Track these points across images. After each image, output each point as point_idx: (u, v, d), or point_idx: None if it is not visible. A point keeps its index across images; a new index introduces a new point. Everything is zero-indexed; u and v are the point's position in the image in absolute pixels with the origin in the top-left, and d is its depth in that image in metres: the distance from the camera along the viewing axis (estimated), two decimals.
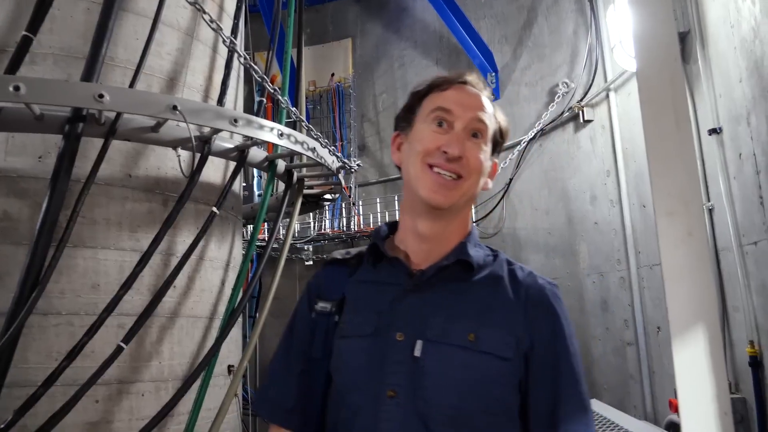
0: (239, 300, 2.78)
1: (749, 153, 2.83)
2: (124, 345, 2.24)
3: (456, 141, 1.11)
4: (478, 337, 1.06)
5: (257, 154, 2.91)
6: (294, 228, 3.66)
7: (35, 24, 2.26)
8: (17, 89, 1.97)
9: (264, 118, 2.72)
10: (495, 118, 1.19)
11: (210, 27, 2.56)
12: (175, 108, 2.23)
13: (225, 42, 2.65)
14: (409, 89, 1.26)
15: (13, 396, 2.12)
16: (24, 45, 2.24)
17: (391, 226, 1.27)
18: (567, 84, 5.04)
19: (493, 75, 5.65)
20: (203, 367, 2.54)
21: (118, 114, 2.28)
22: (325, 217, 6.12)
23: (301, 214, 4.02)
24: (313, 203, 3.80)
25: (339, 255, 1.27)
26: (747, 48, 2.81)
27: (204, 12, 2.52)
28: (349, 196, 6.00)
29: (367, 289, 1.18)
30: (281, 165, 3.09)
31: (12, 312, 2.02)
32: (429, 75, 1.27)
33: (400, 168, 1.23)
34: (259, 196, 5.16)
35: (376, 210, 5.96)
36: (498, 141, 1.21)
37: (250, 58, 2.83)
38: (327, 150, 3.02)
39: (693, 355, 1.01)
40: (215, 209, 2.58)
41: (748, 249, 2.92)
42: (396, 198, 5.85)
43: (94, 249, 2.42)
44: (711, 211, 3.29)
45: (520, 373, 1.07)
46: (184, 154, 2.53)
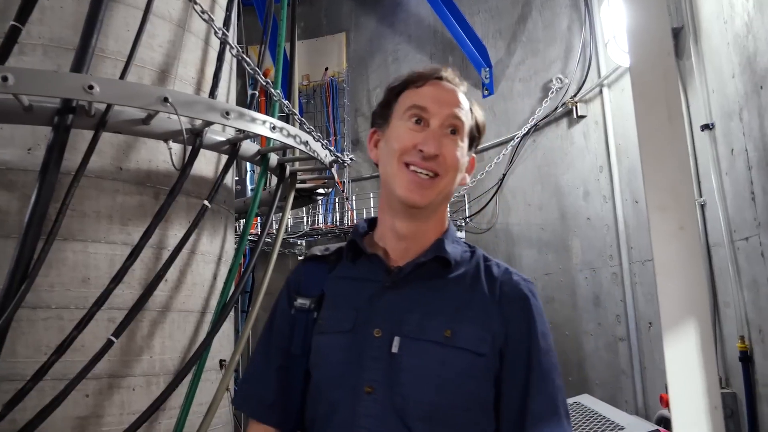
0: (231, 294, 2.77)
1: (741, 149, 2.84)
2: (114, 339, 2.23)
3: (432, 139, 1.11)
4: (454, 333, 1.07)
5: (249, 147, 2.90)
6: (286, 222, 3.65)
7: (24, 14, 2.23)
8: (5, 79, 1.95)
9: (257, 111, 2.70)
10: (471, 113, 1.19)
11: (202, 18, 2.54)
12: (166, 100, 2.22)
13: (217, 34, 2.63)
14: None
15: (2, 390, 2.11)
16: (12, 35, 2.21)
17: (371, 222, 1.27)
18: (561, 79, 5.04)
19: (487, 70, 5.65)
20: (195, 362, 2.53)
21: (108, 106, 2.26)
22: (319, 212, 6.11)
23: (294, 208, 4.01)
24: (306, 198, 3.79)
25: (318, 251, 1.28)
26: (740, 43, 2.82)
27: (195, 3, 2.50)
28: (343, 190, 5.99)
29: (346, 286, 1.19)
30: (274, 159, 3.08)
31: (0, 305, 2.00)
32: None
33: (377, 165, 1.23)
34: (252, 190, 5.14)
35: (369, 205, 5.95)
36: (475, 136, 1.21)
37: (243, 51, 2.81)
38: (320, 144, 3.01)
39: (684, 350, 1.02)
40: (207, 203, 2.57)
41: (739, 245, 2.93)
42: None
43: (84, 242, 2.40)
44: (703, 207, 3.30)
45: (495, 369, 1.08)
46: (175, 146, 2.51)
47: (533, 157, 5.29)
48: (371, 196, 5.99)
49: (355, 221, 5.89)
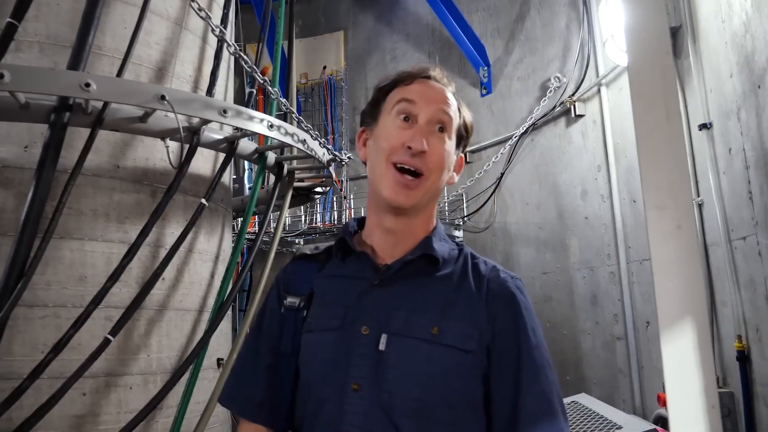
0: (228, 293, 2.76)
1: (739, 148, 2.84)
2: (111, 338, 2.22)
3: (419, 135, 1.11)
4: (441, 330, 1.07)
5: (247, 145, 2.89)
6: (284, 221, 3.65)
7: (20, 11, 2.22)
8: (1, 77, 1.94)
9: (255, 110, 2.69)
10: (459, 112, 1.20)
11: (199, 16, 2.53)
12: (163, 98, 2.21)
13: (214, 31, 2.62)
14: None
15: None
16: (8, 32, 2.20)
17: (360, 221, 1.27)
18: (559, 78, 5.04)
19: (486, 69, 5.64)
20: (192, 360, 2.53)
21: (105, 103, 2.25)
22: (317, 211, 6.11)
23: (292, 207, 4.01)
24: (304, 196, 3.78)
25: (308, 250, 1.29)
26: (738, 43, 2.82)
27: (193, 0, 2.49)
28: (341, 189, 5.98)
29: (335, 284, 1.19)
30: (271, 157, 3.07)
31: None
32: None
33: (365, 164, 1.23)
34: (250, 188, 5.14)
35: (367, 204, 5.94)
36: (463, 135, 1.22)
37: (240, 49, 2.80)
38: (318, 142, 3.01)
39: (681, 350, 1.02)
40: (204, 201, 2.56)
41: (736, 244, 2.93)
42: None
43: (81, 240, 2.40)
44: (700, 206, 3.31)
45: (483, 366, 1.08)
46: (172, 145, 2.50)
47: (531, 156, 5.29)
48: None
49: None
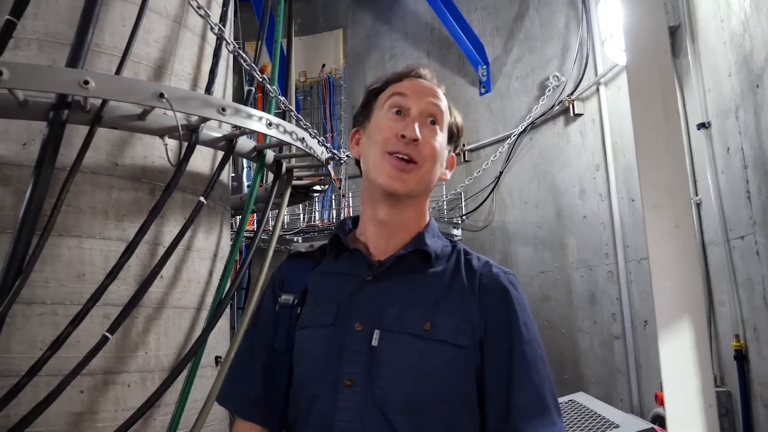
0: (227, 291, 2.76)
1: (737, 147, 2.85)
2: (109, 335, 2.22)
3: (412, 124, 1.13)
4: (433, 326, 1.08)
5: (246, 143, 2.89)
6: (283, 219, 3.65)
7: (19, 8, 2.22)
8: (0, 74, 1.93)
9: (253, 108, 2.69)
10: (450, 111, 1.23)
11: (198, 14, 2.53)
12: (162, 96, 2.20)
13: (213, 29, 2.62)
14: None
15: None
16: (7, 30, 2.19)
17: (356, 220, 1.28)
18: (558, 77, 5.04)
19: (485, 67, 5.64)
20: (190, 358, 2.53)
21: (103, 101, 2.25)
22: (315, 209, 6.11)
23: (290, 205, 4.01)
24: (303, 194, 3.78)
25: (303, 248, 1.30)
26: (736, 42, 2.82)
27: None
28: (339, 187, 5.98)
29: (329, 281, 1.20)
30: (270, 155, 3.07)
31: None
32: None
33: (358, 162, 1.25)
34: (249, 186, 5.13)
35: None
36: (454, 133, 1.24)
37: (239, 47, 2.80)
38: (316, 140, 3.01)
39: (679, 349, 1.02)
40: (203, 199, 2.56)
41: (734, 243, 2.94)
42: None
43: (79, 238, 2.39)
44: (699, 206, 3.31)
45: (476, 361, 1.08)
46: (171, 143, 2.50)
47: (530, 155, 5.30)
48: None
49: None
